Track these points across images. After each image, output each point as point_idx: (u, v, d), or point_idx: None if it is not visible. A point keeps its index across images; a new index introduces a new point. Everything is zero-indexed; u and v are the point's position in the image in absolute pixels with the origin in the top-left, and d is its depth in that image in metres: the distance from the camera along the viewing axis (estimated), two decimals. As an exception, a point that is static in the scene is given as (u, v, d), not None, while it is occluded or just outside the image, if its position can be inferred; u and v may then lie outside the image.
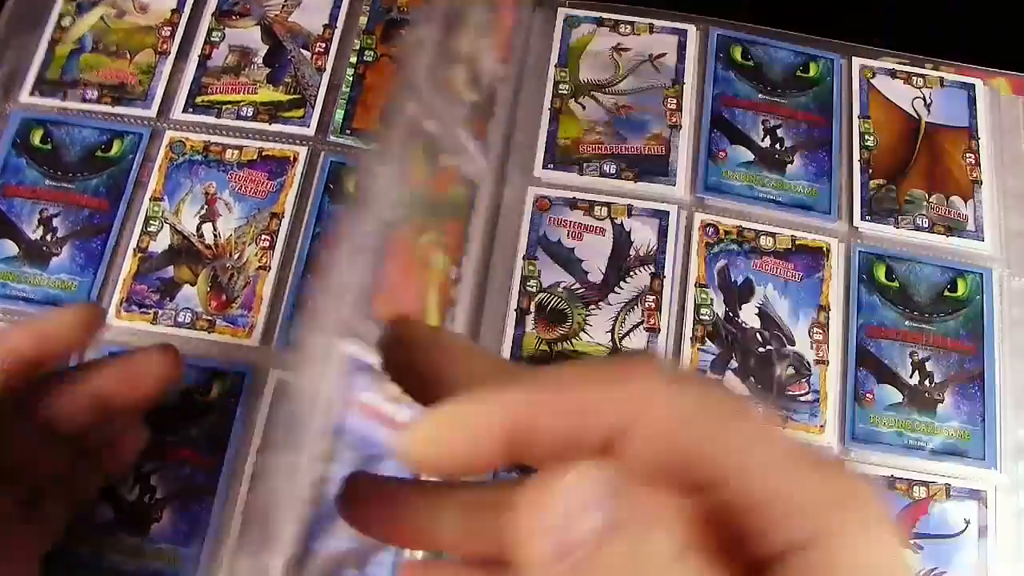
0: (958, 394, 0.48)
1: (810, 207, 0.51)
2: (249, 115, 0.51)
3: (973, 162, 0.53)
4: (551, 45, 0.53)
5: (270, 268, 0.47)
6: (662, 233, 0.49)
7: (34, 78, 0.52)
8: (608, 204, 0.50)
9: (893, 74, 0.54)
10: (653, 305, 0.48)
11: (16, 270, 0.47)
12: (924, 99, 0.54)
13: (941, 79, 0.55)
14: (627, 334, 0.47)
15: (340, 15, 0.54)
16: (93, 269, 0.47)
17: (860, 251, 0.50)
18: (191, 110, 0.51)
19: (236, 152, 0.50)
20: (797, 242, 0.50)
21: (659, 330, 0.47)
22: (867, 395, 0.48)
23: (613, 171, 0.50)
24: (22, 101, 0.51)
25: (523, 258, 0.49)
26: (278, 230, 0.48)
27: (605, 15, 0.54)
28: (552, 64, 0.53)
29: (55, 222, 0.48)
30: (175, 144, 0.50)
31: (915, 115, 0.54)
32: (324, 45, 0.53)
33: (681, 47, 0.53)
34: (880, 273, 0.50)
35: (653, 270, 0.48)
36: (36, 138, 0.50)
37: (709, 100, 0.52)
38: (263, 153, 0.50)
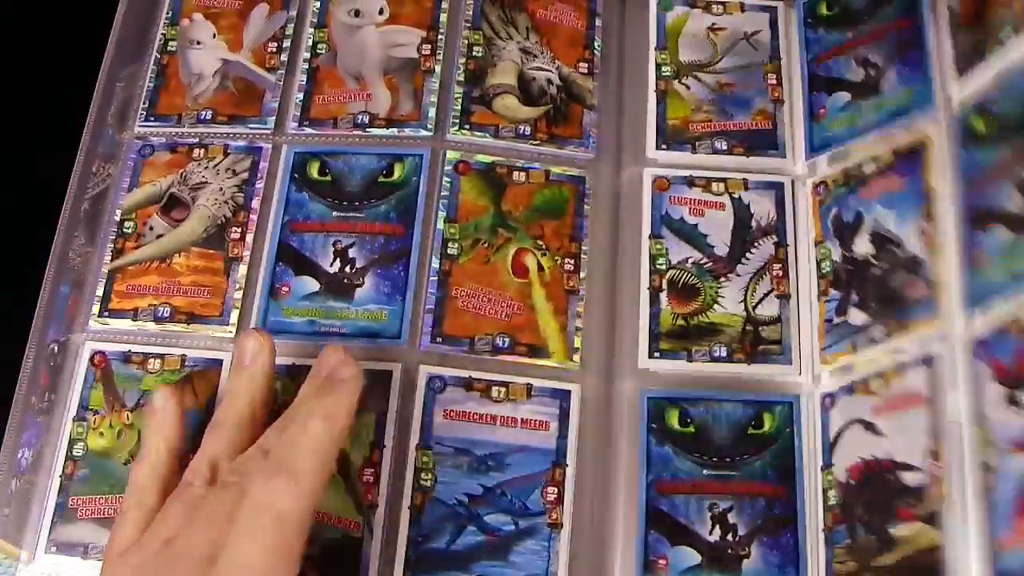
0: None
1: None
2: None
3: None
4: (647, 30, 0.55)
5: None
6: (779, 203, 0.51)
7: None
8: (724, 180, 0.51)
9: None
10: (780, 273, 0.50)
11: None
12: None
13: None
14: (759, 303, 0.49)
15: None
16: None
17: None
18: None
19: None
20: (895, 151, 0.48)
21: (790, 296, 0.49)
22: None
23: (724, 147, 0.52)
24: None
25: (649, 237, 0.50)
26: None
27: (694, -3, 0.56)
28: (652, 48, 0.54)
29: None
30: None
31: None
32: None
33: (772, 23, 0.55)
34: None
35: (776, 239, 0.50)
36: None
37: (805, 69, 0.54)
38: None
